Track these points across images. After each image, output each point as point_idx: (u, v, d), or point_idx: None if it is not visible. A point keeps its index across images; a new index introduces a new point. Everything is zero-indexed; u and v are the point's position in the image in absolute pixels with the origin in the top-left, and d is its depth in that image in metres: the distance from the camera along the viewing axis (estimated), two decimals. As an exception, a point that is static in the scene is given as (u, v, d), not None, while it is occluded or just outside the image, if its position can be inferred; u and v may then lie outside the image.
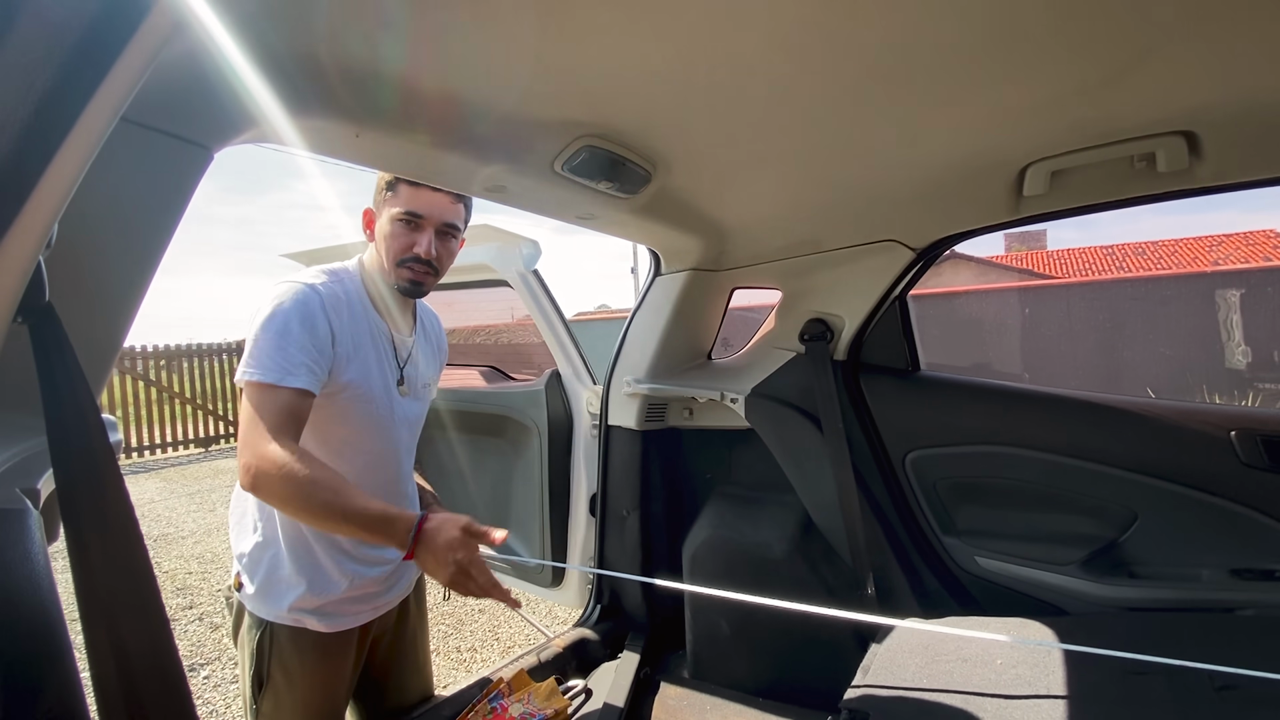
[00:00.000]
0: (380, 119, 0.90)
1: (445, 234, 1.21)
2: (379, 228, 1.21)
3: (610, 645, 1.98)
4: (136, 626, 0.45)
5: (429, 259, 1.18)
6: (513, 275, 2.23)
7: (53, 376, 0.44)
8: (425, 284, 1.22)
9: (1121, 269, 14.89)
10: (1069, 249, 17.81)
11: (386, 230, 1.19)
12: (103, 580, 0.45)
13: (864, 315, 1.73)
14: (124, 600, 0.45)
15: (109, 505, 0.46)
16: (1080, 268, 15.91)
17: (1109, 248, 16.77)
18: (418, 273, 1.19)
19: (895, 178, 1.34)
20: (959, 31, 0.82)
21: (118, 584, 0.45)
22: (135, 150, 0.65)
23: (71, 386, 0.44)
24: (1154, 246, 15.82)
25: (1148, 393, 7.45)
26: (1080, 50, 0.87)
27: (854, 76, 0.93)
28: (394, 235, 1.18)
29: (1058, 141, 1.18)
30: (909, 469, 1.74)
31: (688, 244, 1.74)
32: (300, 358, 1.05)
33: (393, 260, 1.19)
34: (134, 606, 0.45)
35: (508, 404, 2.39)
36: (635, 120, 1.06)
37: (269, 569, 1.16)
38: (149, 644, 0.45)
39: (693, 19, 0.77)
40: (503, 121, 0.99)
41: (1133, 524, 1.48)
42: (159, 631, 0.45)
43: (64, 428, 0.44)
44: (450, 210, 1.21)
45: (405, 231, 1.18)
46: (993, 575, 1.62)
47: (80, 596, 0.45)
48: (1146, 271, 12.98)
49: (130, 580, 0.46)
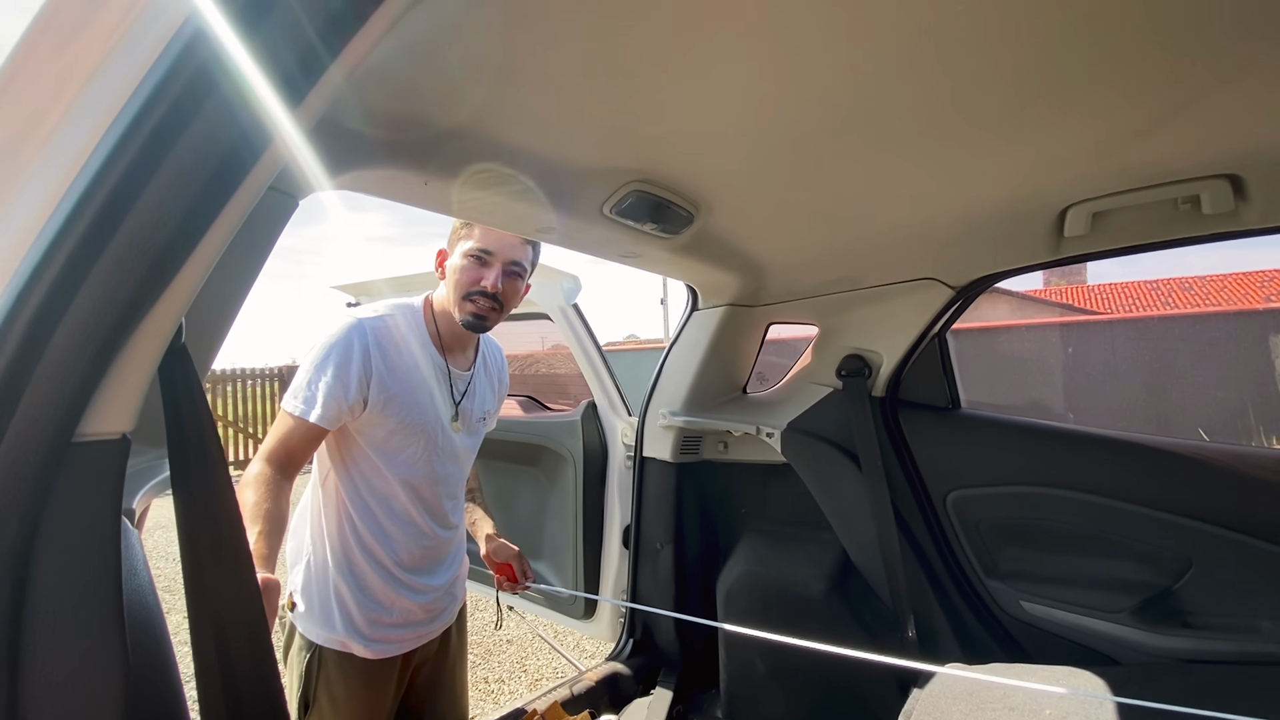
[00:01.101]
0: (446, 169, 0.97)
1: (512, 273, 1.26)
2: (450, 264, 1.28)
3: (643, 681, 1.97)
4: (241, 635, 0.49)
5: (494, 293, 1.23)
6: (554, 309, 2.29)
7: (178, 407, 0.49)
8: (489, 319, 1.26)
9: (1168, 305, 14.45)
10: (1111, 283, 17.38)
11: (457, 265, 1.25)
12: (213, 602, 0.49)
13: (903, 352, 1.73)
14: (231, 607, 0.49)
15: (224, 524, 0.51)
16: (1123, 304, 15.48)
17: (1153, 283, 16.32)
18: (482, 307, 1.24)
19: (935, 217, 1.35)
20: (1004, 83, 0.84)
21: (226, 592, 0.50)
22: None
23: (196, 416, 0.49)
24: (1201, 282, 15.33)
25: (1200, 435, 7.15)
26: (1124, 98, 0.89)
27: (899, 126, 0.96)
28: (463, 270, 1.24)
29: (1099, 184, 1.19)
30: (950, 509, 1.71)
31: (726, 280, 1.77)
32: (321, 395, 1.13)
33: (460, 293, 1.25)
34: (240, 624, 0.50)
35: (544, 433, 2.43)
36: (681, 166, 1.11)
37: (320, 592, 1.21)
38: (251, 654, 0.49)
39: (737, 76, 0.82)
40: (556, 170, 1.05)
41: (1187, 571, 1.43)
42: (261, 640, 0.50)
43: (187, 456, 0.49)
44: (519, 250, 1.27)
45: (474, 266, 1.24)
46: (1039, 621, 1.58)
47: (191, 602, 0.49)
48: (1194, 308, 12.55)
49: (238, 590, 0.50)
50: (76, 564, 0.40)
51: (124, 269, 0.40)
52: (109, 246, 0.40)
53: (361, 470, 1.20)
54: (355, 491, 1.21)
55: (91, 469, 0.41)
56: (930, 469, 1.74)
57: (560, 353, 2.66)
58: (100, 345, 0.39)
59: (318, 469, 1.25)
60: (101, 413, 0.41)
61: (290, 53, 0.42)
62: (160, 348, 0.44)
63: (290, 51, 0.42)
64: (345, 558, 1.21)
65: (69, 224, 0.40)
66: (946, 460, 1.73)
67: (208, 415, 0.51)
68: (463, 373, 1.34)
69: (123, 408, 0.42)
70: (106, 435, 0.42)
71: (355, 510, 1.20)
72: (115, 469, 0.43)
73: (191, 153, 0.41)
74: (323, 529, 1.22)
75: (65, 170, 0.40)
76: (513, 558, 1.51)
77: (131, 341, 0.42)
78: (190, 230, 0.43)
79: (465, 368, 1.35)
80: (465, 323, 1.26)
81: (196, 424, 0.50)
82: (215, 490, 0.50)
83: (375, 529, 1.21)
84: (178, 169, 0.41)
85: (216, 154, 0.42)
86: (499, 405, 1.51)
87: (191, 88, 0.41)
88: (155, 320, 0.43)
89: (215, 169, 0.42)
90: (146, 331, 0.43)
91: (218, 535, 0.50)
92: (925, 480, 1.75)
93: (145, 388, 0.44)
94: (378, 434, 1.19)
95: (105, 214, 0.40)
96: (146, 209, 0.41)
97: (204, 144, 0.42)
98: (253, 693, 0.49)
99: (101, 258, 0.40)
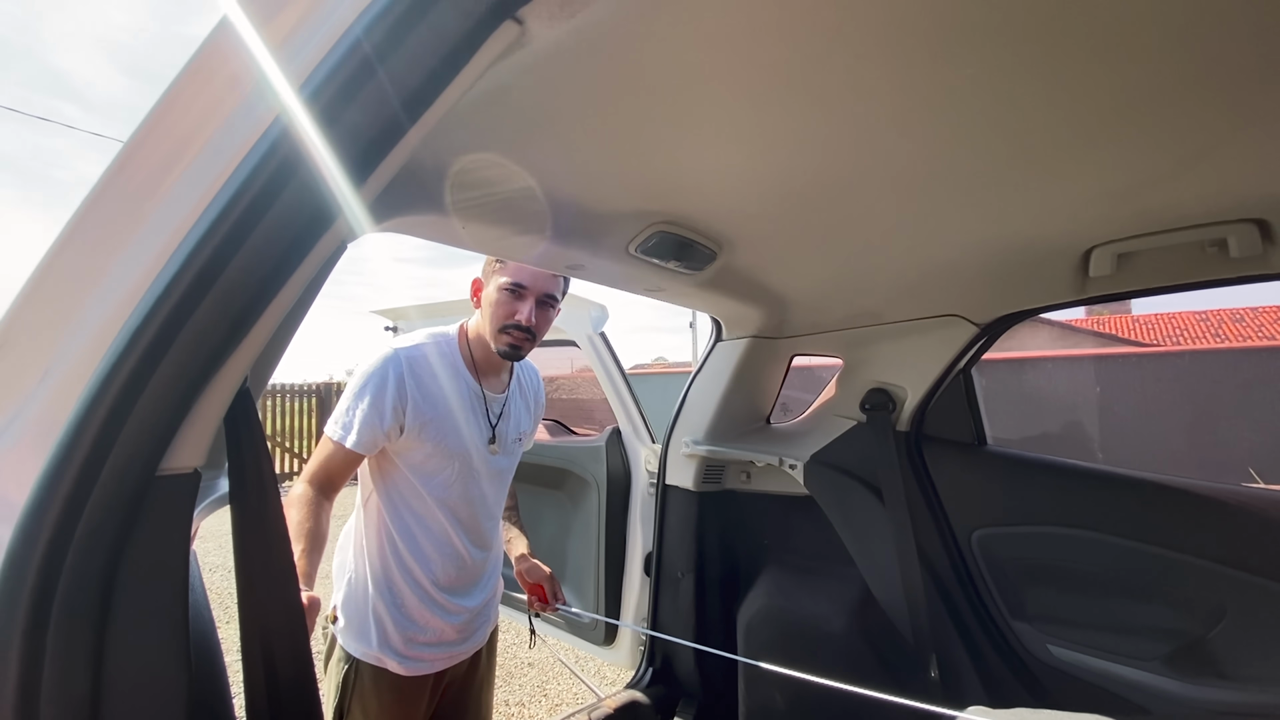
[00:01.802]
0: (482, 214, 1.04)
1: (545, 304, 1.33)
2: (485, 295, 1.34)
3: (661, 711, 1.96)
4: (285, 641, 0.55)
5: (529, 326, 1.30)
6: (581, 337, 2.35)
7: (238, 437, 0.55)
8: (523, 349, 1.33)
9: (1218, 339, 13.90)
10: (1156, 314, 16.82)
11: (493, 298, 1.31)
12: (261, 616, 0.54)
13: (927, 387, 1.73)
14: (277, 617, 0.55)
15: (275, 543, 0.56)
16: (1169, 335, 14.95)
17: (1201, 313, 15.74)
18: (517, 339, 1.31)
19: (959, 256, 1.37)
20: (1028, 128, 0.85)
21: (273, 605, 0.55)
22: None
23: (254, 447, 0.55)
24: (1254, 314, 14.73)
25: (1252, 475, 6.82)
26: (1147, 143, 0.89)
27: (922, 170, 0.98)
28: (499, 303, 1.30)
29: (1124, 226, 1.19)
30: (976, 547, 1.69)
31: (749, 313, 1.81)
32: (358, 423, 1.20)
33: (496, 326, 1.31)
34: (285, 637, 0.55)
35: (569, 458, 2.47)
36: (703, 208, 1.15)
37: (359, 608, 1.26)
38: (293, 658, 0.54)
39: (758, 126, 0.86)
40: (584, 213, 1.11)
41: (1221, 620, 1.38)
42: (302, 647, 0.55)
43: (245, 481, 0.55)
44: (551, 283, 1.33)
45: (509, 300, 1.30)
46: (1066, 665, 1.54)
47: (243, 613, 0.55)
48: (1245, 342, 12.05)
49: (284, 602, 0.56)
50: (154, 586, 0.46)
51: (212, 324, 0.47)
52: (201, 305, 0.46)
53: (401, 492, 1.27)
54: (395, 512, 1.27)
55: (169, 500, 0.47)
56: (955, 506, 1.73)
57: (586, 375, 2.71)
58: (186, 389, 0.46)
59: (361, 490, 1.32)
60: (180, 450, 0.47)
61: (356, 146, 0.48)
62: (233, 391, 0.50)
63: (356, 145, 0.48)
64: (384, 576, 1.27)
65: (172, 284, 0.46)
66: (972, 497, 1.71)
67: (265, 451, 0.56)
68: (497, 395, 1.40)
69: (197, 445, 0.48)
70: (182, 469, 0.48)
71: (395, 530, 1.27)
72: (189, 500, 0.48)
73: (273, 227, 0.48)
74: (364, 548, 1.28)
75: (170, 236, 0.47)
76: (545, 579, 1.55)
77: (210, 386, 0.48)
78: (268, 291, 0.49)
79: (499, 391, 1.41)
80: (502, 353, 1.33)
81: (255, 459, 0.55)
82: (268, 519, 0.56)
83: (414, 548, 1.27)
84: (261, 241, 0.48)
85: (293, 228, 0.49)
86: (535, 426, 1.57)
87: (277, 174, 0.48)
88: (231, 367, 0.49)
89: (291, 240, 0.49)
90: (223, 377, 0.49)
91: (269, 557, 0.56)
92: (950, 517, 1.73)
93: (217, 426, 0.50)
94: (415, 456, 1.25)
95: (201, 277, 0.47)
96: (234, 274, 0.47)
97: (283, 219, 0.48)
98: (293, 700, 0.54)
99: (195, 314, 0.46)
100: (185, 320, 0.46)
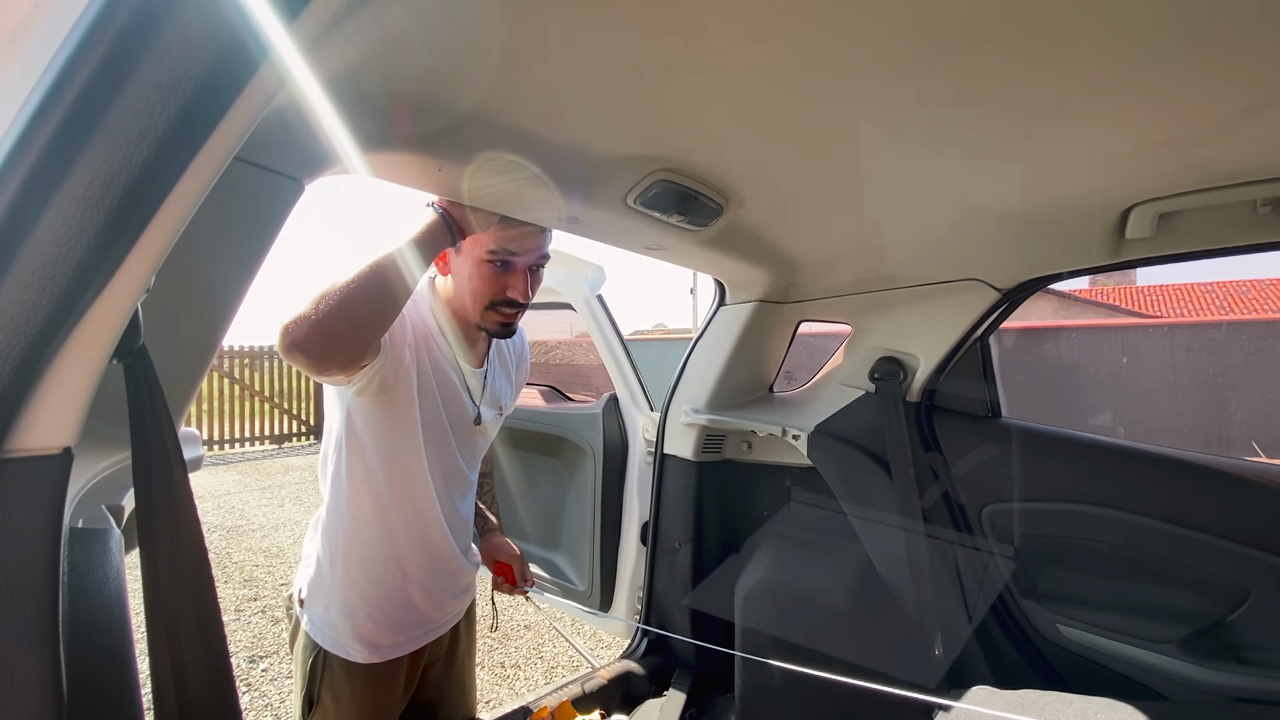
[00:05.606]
0: (461, 155, 0.92)
1: (536, 267, 1.16)
2: (459, 265, 1.14)
3: (656, 682, 1.93)
4: (197, 647, 0.46)
5: (524, 301, 1.13)
6: (577, 300, 2.25)
7: (140, 411, 0.45)
8: (514, 324, 1.18)
9: (1224, 310, 13.77)
10: (1162, 285, 16.67)
11: (471, 271, 1.12)
12: (169, 599, 0.46)
13: (941, 356, 1.64)
14: (186, 618, 0.46)
15: (181, 532, 0.47)
16: (1175, 306, 14.82)
17: (1207, 285, 15.58)
18: (508, 315, 1.14)
19: (983, 215, 1.26)
20: (1064, 69, 0.76)
21: (182, 603, 0.46)
22: (231, 183, 0.67)
23: (157, 422, 0.46)
24: (1261, 285, 14.57)
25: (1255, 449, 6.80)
26: (1200, 90, 0.79)
27: (945, 116, 0.88)
28: (483, 277, 1.10)
29: (1169, 183, 1.08)
30: (986, 523, 1.62)
31: (755, 275, 1.70)
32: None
33: (481, 303, 1.12)
34: (196, 627, 0.46)
35: (565, 425, 2.40)
36: (710, 155, 1.04)
37: (325, 592, 1.18)
38: (207, 666, 0.46)
39: (770, 59, 0.75)
40: (578, 157, 0.99)
41: (1244, 602, 1.33)
42: (217, 652, 0.46)
43: (148, 462, 0.45)
44: (542, 241, 1.16)
45: (496, 274, 1.10)
46: (1077, 647, 1.49)
47: (149, 614, 0.46)
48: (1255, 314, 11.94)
49: (195, 601, 0.47)
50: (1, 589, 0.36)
51: (58, 255, 0.33)
52: (37, 227, 0.32)
53: (369, 469, 1.15)
54: (363, 492, 1.15)
55: (20, 488, 0.37)
56: (966, 480, 1.66)
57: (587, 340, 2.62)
58: (25, 354, 0.34)
59: (326, 469, 1.20)
60: (33, 427, 0.37)
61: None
62: (105, 353, 0.39)
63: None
64: (351, 558, 1.17)
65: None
66: (984, 472, 1.64)
67: (168, 420, 0.47)
68: (475, 370, 1.27)
69: (62, 420, 0.38)
70: (41, 450, 0.38)
71: (364, 510, 1.16)
72: (53, 485, 0.38)
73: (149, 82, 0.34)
74: (330, 529, 1.18)
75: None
76: (514, 559, 1.44)
77: (66, 347, 0.37)
78: (145, 199, 0.36)
79: (477, 364, 1.27)
80: (491, 333, 1.18)
81: (158, 430, 0.46)
82: (174, 497, 0.47)
83: (383, 528, 1.17)
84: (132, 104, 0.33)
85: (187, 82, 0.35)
86: (516, 394, 1.43)
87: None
88: (99, 314, 0.37)
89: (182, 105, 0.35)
90: (84, 334, 0.37)
91: (176, 542, 0.47)
92: (960, 492, 1.66)
93: (89, 397, 0.39)
94: (385, 432, 1.13)
95: (29, 182, 0.32)
96: (85, 175, 0.33)
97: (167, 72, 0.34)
98: (205, 703, 0.45)
99: (27, 241, 0.32)
100: (16, 244, 0.32)
